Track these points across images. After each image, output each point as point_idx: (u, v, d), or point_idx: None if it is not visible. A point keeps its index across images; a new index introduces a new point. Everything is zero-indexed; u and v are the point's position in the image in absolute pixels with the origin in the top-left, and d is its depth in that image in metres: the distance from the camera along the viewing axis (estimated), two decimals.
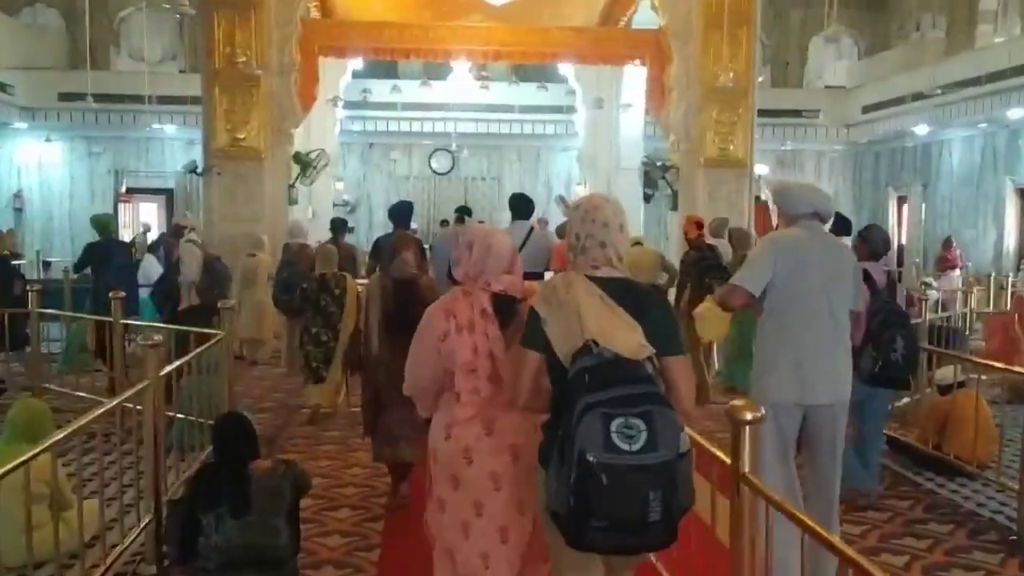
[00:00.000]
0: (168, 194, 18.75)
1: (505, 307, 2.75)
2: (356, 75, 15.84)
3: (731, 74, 10.40)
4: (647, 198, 17.07)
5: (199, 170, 10.55)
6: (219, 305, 6.09)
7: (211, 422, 5.61)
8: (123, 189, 18.61)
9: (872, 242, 5.19)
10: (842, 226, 6.58)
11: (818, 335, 3.64)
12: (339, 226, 9.04)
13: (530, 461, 2.60)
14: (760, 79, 13.02)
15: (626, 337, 2.33)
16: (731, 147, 10.87)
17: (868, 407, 4.96)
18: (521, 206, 7.67)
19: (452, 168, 19.86)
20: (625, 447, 2.15)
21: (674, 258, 10.90)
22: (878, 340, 4.63)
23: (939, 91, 13.65)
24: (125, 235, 17.54)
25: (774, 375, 3.65)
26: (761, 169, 13.81)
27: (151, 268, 11.29)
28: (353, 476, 5.48)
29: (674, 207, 11.29)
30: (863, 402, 4.79)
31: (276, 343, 9.40)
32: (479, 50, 12.11)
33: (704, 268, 8.52)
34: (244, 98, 10.31)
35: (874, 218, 19.54)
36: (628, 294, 2.47)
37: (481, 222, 16.22)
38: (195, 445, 5.40)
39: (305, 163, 10.69)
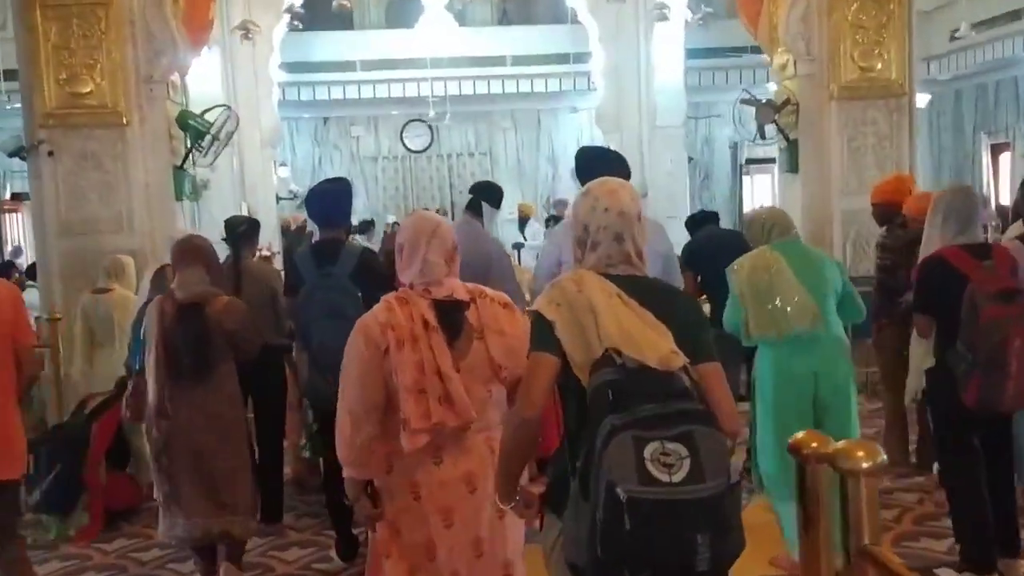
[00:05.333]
0: None
1: (450, 315, 2.48)
2: (296, 28, 11.67)
3: None
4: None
5: (24, 152, 6.42)
6: None
7: None
8: (7, 195, 14.56)
9: None
10: None
11: None
12: (243, 234, 4.93)
13: (489, 492, 2.38)
14: None
15: (654, 343, 1.99)
16: (879, 64, 6.87)
17: None
18: (596, 168, 3.68)
19: (431, 144, 15.75)
20: (664, 478, 1.77)
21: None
22: None
23: None
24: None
25: None
26: (923, 99, 9.79)
27: None
28: None
29: (793, 167, 7.24)
30: None
31: None
32: None
33: None
34: (86, 27, 6.18)
35: (959, 173, 15.72)
36: (651, 294, 2.13)
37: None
38: None
39: (198, 128, 6.56)
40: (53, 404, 6.00)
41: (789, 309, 3.65)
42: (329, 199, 4.31)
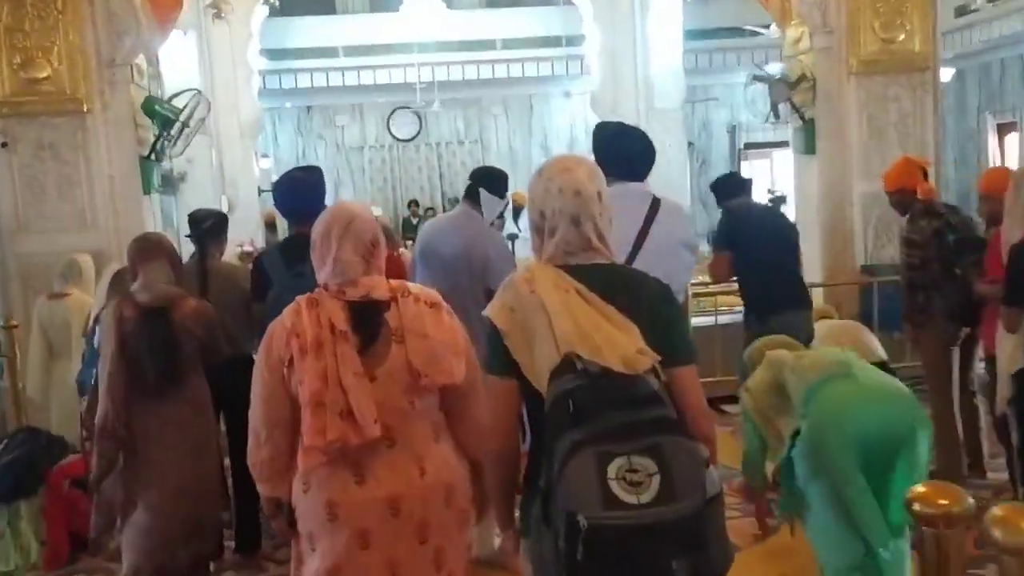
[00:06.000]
0: None
1: (366, 317, 2.26)
2: (274, 6, 11.12)
3: None
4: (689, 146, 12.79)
5: None
6: None
7: None
8: None
9: None
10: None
11: None
12: (209, 229, 4.42)
13: (415, 516, 2.26)
14: None
15: (617, 343, 1.79)
16: (901, 36, 6.39)
17: None
18: (617, 145, 3.35)
19: (419, 132, 15.23)
20: (631, 499, 1.59)
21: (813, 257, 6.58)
22: None
23: None
24: None
25: None
26: (946, 74, 9.31)
27: None
28: None
29: (809, 148, 6.75)
30: None
31: None
32: None
33: (959, 244, 4.27)
34: (41, 6, 5.66)
35: (964, 154, 15.28)
36: (616, 285, 1.91)
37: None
38: None
39: (166, 115, 6.04)
40: (12, 418, 5.51)
41: (811, 361, 3.09)
42: (299, 190, 3.82)
